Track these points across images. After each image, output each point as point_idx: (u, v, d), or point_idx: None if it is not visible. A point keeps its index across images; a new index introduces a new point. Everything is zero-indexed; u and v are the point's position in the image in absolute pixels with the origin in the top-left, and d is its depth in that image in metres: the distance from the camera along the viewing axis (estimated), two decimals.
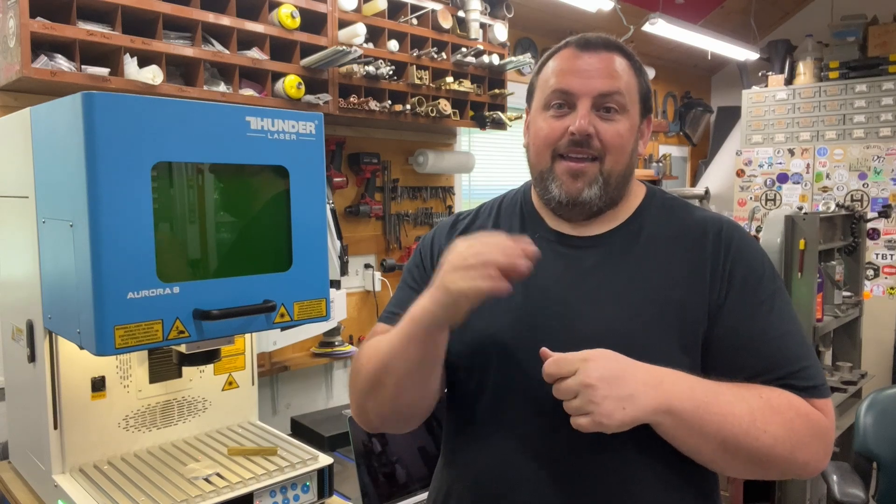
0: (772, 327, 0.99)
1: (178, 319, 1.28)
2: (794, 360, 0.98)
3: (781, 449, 0.92)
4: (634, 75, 1.05)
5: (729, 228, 1.06)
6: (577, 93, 1.02)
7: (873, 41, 4.41)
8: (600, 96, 1.01)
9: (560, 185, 1.04)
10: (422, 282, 1.14)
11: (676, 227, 1.06)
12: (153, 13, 1.88)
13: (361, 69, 2.35)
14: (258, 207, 1.46)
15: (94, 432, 1.55)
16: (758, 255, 1.05)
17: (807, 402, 0.96)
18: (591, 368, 0.87)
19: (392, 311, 1.14)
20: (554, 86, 1.04)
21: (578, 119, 1.00)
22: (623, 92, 1.02)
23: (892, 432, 2.25)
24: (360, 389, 1.06)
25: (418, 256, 1.20)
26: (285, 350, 2.51)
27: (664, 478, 0.99)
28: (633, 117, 1.04)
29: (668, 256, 1.03)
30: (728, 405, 0.91)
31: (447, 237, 1.17)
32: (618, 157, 1.03)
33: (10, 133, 1.52)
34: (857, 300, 3.17)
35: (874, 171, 4.21)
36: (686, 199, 1.15)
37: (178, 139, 1.27)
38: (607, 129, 1.01)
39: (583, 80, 1.02)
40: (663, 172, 4.88)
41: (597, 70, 1.02)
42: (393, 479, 1.77)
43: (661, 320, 0.99)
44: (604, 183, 1.03)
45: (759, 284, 1.01)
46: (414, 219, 2.98)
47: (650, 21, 3.38)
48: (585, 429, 0.87)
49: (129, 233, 1.21)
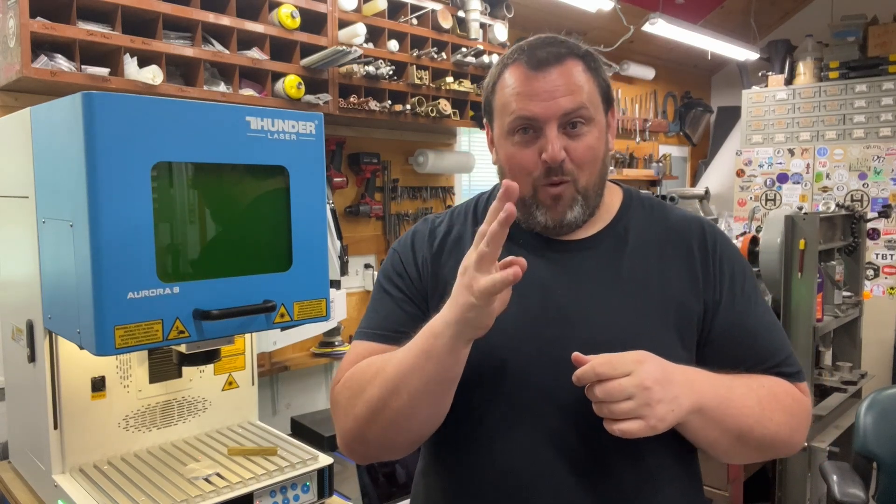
0: (761, 320, 1.05)
1: (178, 319, 1.28)
2: (781, 348, 1.04)
3: (784, 433, 0.98)
4: (592, 77, 1.01)
5: (710, 228, 1.09)
6: (542, 118, 0.98)
7: (873, 41, 4.41)
8: (565, 115, 0.98)
9: (545, 212, 1.02)
10: (407, 291, 1.09)
11: (661, 226, 1.08)
12: (153, 13, 1.88)
13: (361, 69, 2.35)
14: (258, 207, 1.46)
15: (94, 432, 1.55)
16: (737, 252, 1.10)
17: (794, 387, 1.03)
18: (647, 371, 0.85)
19: (377, 328, 1.06)
20: (516, 112, 0.99)
21: (549, 146, 0.97)
22: (587, 104, 0.99)
23: (892, 432, 2.25)
24: (358, 416, 0.96)
25: (399, 263, 1.11)
26: (285, 350, 2.51)
27: (667, 478, 1.00)
28: (599, 122, 1.02)
29: (660, 256, 1.04)
30: (742, 398, 0.95)
31: (429, 245, 1.11)
32: (592, 169, 1.01)
33: (10, 133, 1.52)
34: (857, 300, 3.16)
35: (874, 171, 4.21)
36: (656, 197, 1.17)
37: (178, 139, 1.27)
38: (577, 146, 0.99)
39: (545, 104, 0.97)
40: (663, 172, 4.88)
41: (556, 89, 0.97)
42: (393, 479, 1.77)
43: (663, 319, 1.00)
44: (583, 199, 1.02)
45: (745, 280, 1.06)
46: (414, 219, 2.98)
47: (650, 21, 3.38)
48: (633, 434, 0.84)
49: (129, 233, 1.21)
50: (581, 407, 0.93)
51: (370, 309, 1.11)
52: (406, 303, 1.08)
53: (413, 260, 1.10)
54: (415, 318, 1.04)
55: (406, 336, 0.96)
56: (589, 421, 0.90)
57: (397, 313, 1.07)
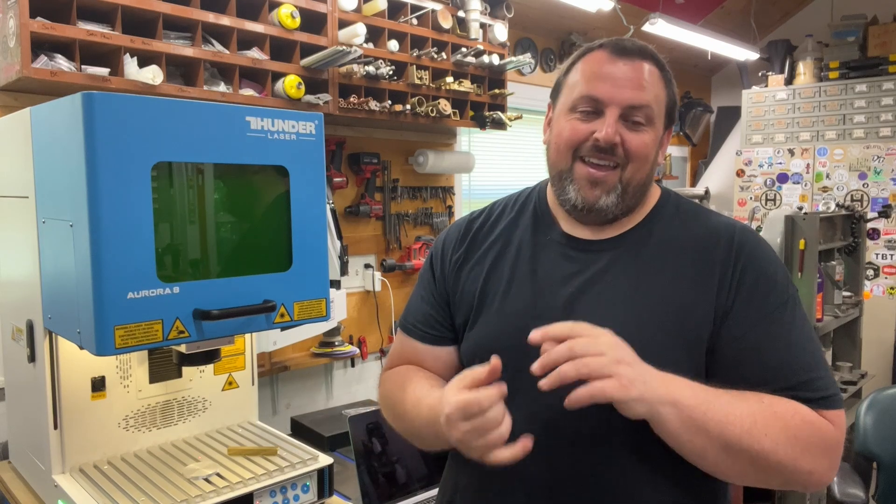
0: (780, 337, 0.97)
1: (178, 319, 1.28)
2: (803, 370, 0.95)
3: (784, 455, 0.89)
4: (664, 87, 1.04)
5: (742, 234, 1.03)
6: (607, 101, 1.00)
7: (873, 41, 4.41)
8: (629, 108, 1.00)
9: (578, 190, 1.03)
10: (434, 294, 1.17)
11: (689, 232, 1.05)
12: (153, 13, 1.88)
13: (361, 69, 2.35)
14: (258, 207, 1.46)
15: (94, 432, 1.55)
16: (772, 262, 1.02)
17: (815, 413, 0.93)
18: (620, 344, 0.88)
19: (412, 322, 1.20)
20: (583, 91, 1.02)
21: (606, 127, 0.99)
22: (652, 105, 1.01)
23: (892, 432, 2.25)
24: (387, 417, 1.17)
25: (429, 264, 1.20)
26: (285, 350, 2.51)
27: (669, 480, 0.99)
28: (657, 129, 1.04)
29: (677, 261, 1.02)
30: (728, 405, 0.90)
31: (460, 242, 1.17)
32: (640, 166, 1.02)
33: (10, 133, 1.52)
34: (857, 300, 3.16)
35: (874, 171, 4.21)
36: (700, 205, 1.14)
37: (178, 139, 1.27)
38: (633, 138, 1.01)
39: (613, 89, 1.00)
40: (663, 172, 4.88)
41: (628, 79, 1.00)
42: (393, 479, 1.77)
43: (668, 325, 0.98)
44: (622, 191, 1.02)
45: (770, 292, 0.99)
46: (414, 219, 2.98)
47: (650, 21, 3.38)
48: (606, 395, 0.84)
49: (129, 233, 1.21)
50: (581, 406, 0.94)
51: (411, 296, 1.23)
52: (430, 304, 1.17)
53: (441, 261, 1.18)
54: (437, 319, 1.16)
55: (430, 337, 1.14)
56: (587, 417, 0.91)
57: (423, 311, 1.18)
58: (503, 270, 1.09)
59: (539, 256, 1.08)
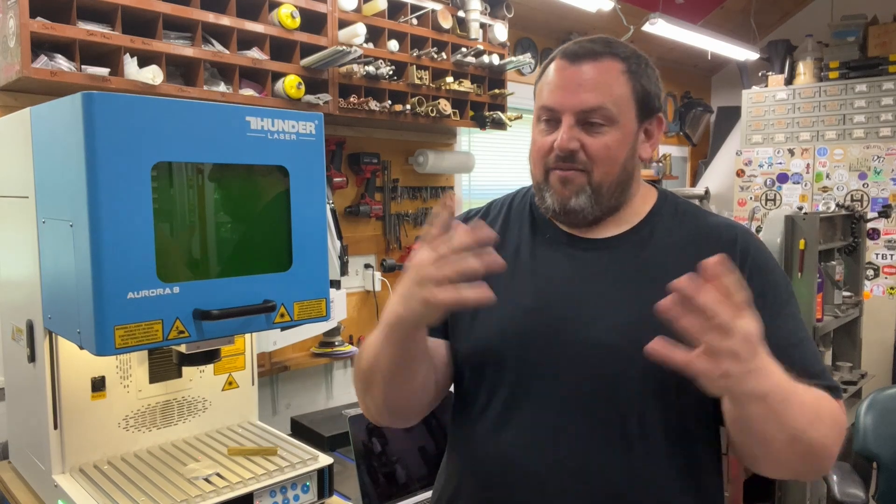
0: (791, 335, 0.99)
1: (178, 319, 1.28)
2: (812, 365, 0.98)
3: (829, 443, 0.90)
4: (627, 80, 1.02)
5: (745, 236, 1.05)
6: (560, 109, 1.02)
7: (873, 41, 4.41)
8: (583, 112, 1.00)
9: (553, 195, 1.05)
10: None
11: (688, 233, 1.06)
12: (153, 13, 1.88)
13: (361, 69, 2.35)
14: (258, 207, 1.46)
15: (94, 432, 1.55)
16: (772, 263, 1.05)
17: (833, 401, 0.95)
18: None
19: None
20: (542, 101, 1.05)
21: (560, 136, 1.01)
22: (608, 105, 1.00)
23: (892, 432, 2.25)
24: (358, 387, 1.09)
25: None
26: (285, 350, 2.51)
27: (675, 477, 0.99)
28: (625, 126, 1.02)
29: (680, 262, 1.00)
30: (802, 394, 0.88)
31: None
32: (608, 167, 1.02)
33: (10, 133, 1.52)
34: (857, 300, 3.17)
35: (874, 171, 4.21)
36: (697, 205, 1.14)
37: (178, 139, 1.27)
38: (593, 142, 1.01)
39: (566, 96, 1.01)
40: (663, 172, 4.88)
41: (578, 85, 1.01)
42: (393, 479, 1.77)
43: (669, 325, 0.98)
44: (594, 193, 1.03)
45: (776, 294, 1.01)
46: (414, 219, 2.98)
47: (650, 21, 3.38)
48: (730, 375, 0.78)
49: (129, 233, 1.21)
50: (582, 402, 0.95)
51: None
52: None
53: None
54: None
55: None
56: (589, 415, 0.91)
57: None
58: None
59: (538, 255, 1.08)
